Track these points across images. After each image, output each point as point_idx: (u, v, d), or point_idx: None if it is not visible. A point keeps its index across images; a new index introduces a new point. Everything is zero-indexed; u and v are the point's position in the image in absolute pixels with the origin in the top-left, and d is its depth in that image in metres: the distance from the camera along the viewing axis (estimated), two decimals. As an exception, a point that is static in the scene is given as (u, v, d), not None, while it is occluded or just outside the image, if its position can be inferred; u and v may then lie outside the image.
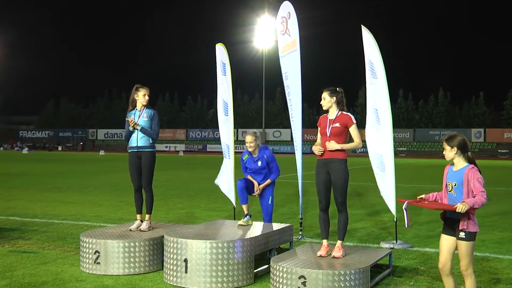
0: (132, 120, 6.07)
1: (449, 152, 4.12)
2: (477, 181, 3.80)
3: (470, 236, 3.90)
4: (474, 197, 3.80)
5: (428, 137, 63.99)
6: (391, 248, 6.02)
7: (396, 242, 6.61)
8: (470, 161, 4.01)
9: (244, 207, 6.36)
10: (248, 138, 6.69)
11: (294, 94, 7.14)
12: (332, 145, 5.17)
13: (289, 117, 7.43)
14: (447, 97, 69.92)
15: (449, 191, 4.05)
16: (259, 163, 6.64)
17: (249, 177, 6.64)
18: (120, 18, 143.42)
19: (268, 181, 6.64)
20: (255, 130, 6.92)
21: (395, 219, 6.66)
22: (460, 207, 3.76)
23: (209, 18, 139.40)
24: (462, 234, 3.91)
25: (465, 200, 3.83)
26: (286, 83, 7.33)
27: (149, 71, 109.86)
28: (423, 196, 4.30)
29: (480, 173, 3.89)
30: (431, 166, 32.56)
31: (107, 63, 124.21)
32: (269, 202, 6.63)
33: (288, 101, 7.33)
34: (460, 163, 4.01)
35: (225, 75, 7.73)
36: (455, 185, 4.00)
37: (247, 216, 6.19)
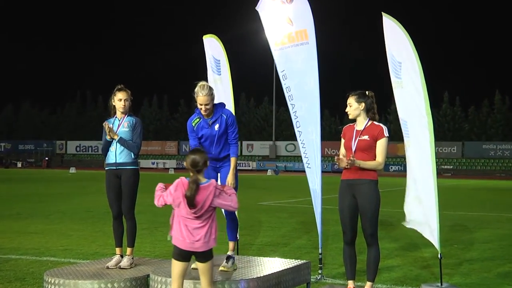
0: (107, 125, 6.09)
1: None
2: None
3: None
4: None
5: (481, 152, 63.76)
6: (434, 292, 5.98)
7: (441, 285, 6.58)
8: None
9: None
10: (202, 99, 5.80)
11: (303, 97, 7.05)
12: (343, 162, 5.17)
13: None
14: (506, 102, 69.75)
15: None
16: (216, 126, 5.96)
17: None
18: (95, 4, 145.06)
19: (233, 160, 5.95)
20: (204, 82, 6.14)
21: (439, 256, 6.63)
22: None
23: (204, 5, 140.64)
24: None
25: None
26: (285, 83, 7.27)
27: (132, 70, 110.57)
28: None
29: None
30: (484, 188, 32.38)
31: (80, 59, 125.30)
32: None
33: (290, 107, 7.23)
34: None
35: (220, 74, 7.77)
36: None
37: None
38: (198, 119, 6.05)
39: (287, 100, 7.32)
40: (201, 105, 5.86)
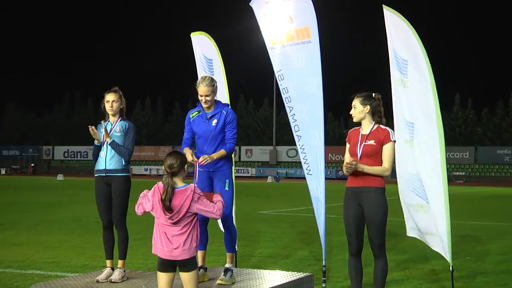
0: (91, 129, 6.09)
1: None
2: None
3: None
4: None
5: (495, 158, 63.76)
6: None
7: (453, 299, 6.56)
8: None
9: (200, 254, 5.95)
10: (202, 89, 5.92)
11: (304, 99, 7.04)
12: (349, 168, 5.17)
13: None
14: (522, 104, 69.83)
15: None
16: (214, 122, 6.00)
17: (187, 151, 5.92)
18: (84, 3, 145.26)
19: (222, 152, 5.94)
20: (208, 74, 6.46)
21: (451, 268, 6.63)
22: None
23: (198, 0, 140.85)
24: None
25: None
26: (282, 84, 7.26)
27: (124, 70, 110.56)
28: None
29: None
30: (498, 196, 32.38)
31: (68, 59, 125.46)
32: (226, 188, 6.03)
33: (288, 110, 7.22)
34: None
35: (213, 74, 7.77)
36: None
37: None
38: (197, 112, 6.11)
39: (284, 102, 7.30)
40: (201, 96, 5.96)
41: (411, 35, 6.51)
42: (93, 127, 6.15)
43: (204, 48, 7.84)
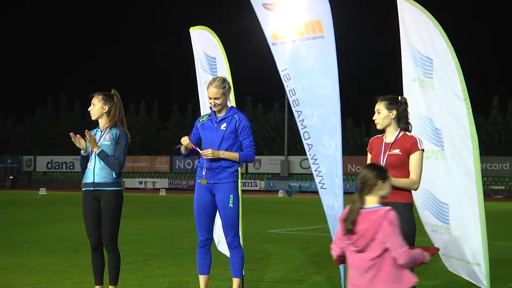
0: (72, 135, 6.12)
1: None
2: None
3: None
4: None
5: (540, 170, 63.41)
6: None
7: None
8: None
9: (202, 279, 6.11)
10: (211, 91, 6.09)
11: (316, 102, 7.01)
12: None
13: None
14: None
15: None
16: (223, 126, 6.13)
17: (186, 141, 6.07)
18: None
19: (235, 154, 6.04)
20: (221, 75, 6.59)
21: (487, 295, 6.60)
22: None
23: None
24: None
25: None
26: (288, 85, 7.22)
27: (115, 69, 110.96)
28: None
29: None
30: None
31: (53, 57, 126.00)
32: (230, 205, 6.07)
33: (296, 114, 7.19)
34: None
35: (216, 75, 7.80)
36: None
37: None
38: (207, 116, 6.26)
39: (291, 105, 7.25)
40: (210, 98, 6.10)
41: (434, 30, 6.47)
42: (73, 134, 6.17)
43: (206, 45, 7.86)
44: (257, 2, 7.40)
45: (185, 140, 6.06)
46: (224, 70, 7.85)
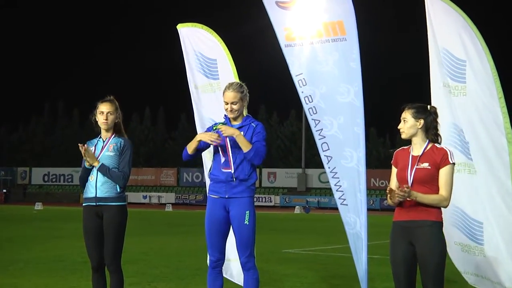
0: (84, 147, 6.15)
1: None
2: None
3: None
4: None
5: None
6: None
7: None
8: None
9: None
10: (228, 94, 6.22)
11: (336, 110, 6.98)
12: (395, 197, 5.18)
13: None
14: None
15: None
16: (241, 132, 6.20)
17: (214, 135, 6.11)
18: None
19: (249, 144, 6.11)
20: (239, 82, 6.66)
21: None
22: None
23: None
24: None
25: None
26: (303, 91, 7.15)
27: (118, 75, 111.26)
28: None
29: None
30: None
31: (50, 61, 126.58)
32: (246, 222, 6.10)
33: (312, 123, 7.15)
34: None
35: (218, 79, 7.80)
36: None
37: None
38: (221, 124, 6.29)
39: (307, 113, 7.21)
40: (226, 103, 6.17)
41: (467, 29, 6.44)
42: (83, 145, 6.20)
43: (202, 45, 7.87)
44: (269, 0, 7.36)
45: (213, 135, 6.09)
46: (228, 74, 7.78)
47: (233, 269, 8.17)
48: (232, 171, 6.11)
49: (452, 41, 6.55)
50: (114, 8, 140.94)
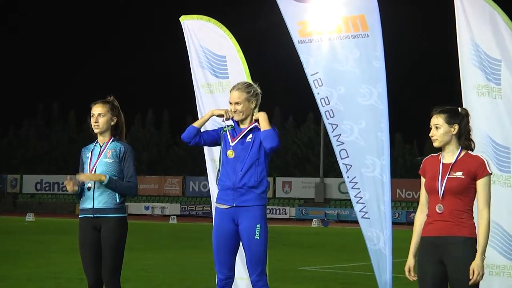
0: (68, 183, 6.16)
1: None
2: None
3: None
4: None
5: None
6: None
7: None
8: None
9: None
10: (233, 94, 6.27)
11: (356, 114, 6.97)
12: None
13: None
14: None
15: None
16: (249, 137, 6.22)
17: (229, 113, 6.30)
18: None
19: (268, 125, 6.18)
20: (249, 82, 6.70)
21: None
22: None
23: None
24: None
25: None
26: (319, 92, 7.13)
27: (118, 75, 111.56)
28: None
29: None
30: None
31: (45, 59, 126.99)
32: (257, 237, 6.09)
33: (329, 128, 7.13)
34: None
35: (228, 77, 7.81)
36: None
37: None
38: (230, 127, 6.34)
39: (323, 117, 7.20)
40: (230, 103, 6.22)
41: (503, 25, 6.40)
42: (69, 181, 6.19)
43: (209, 40, 7.87)
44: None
45: (228, 111, 6.28)
46: (239, 72, 7.77)
47: None
48: (240, 177, 6.11)
49: (485, 39, 6.51)
50: (117, 5, 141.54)
